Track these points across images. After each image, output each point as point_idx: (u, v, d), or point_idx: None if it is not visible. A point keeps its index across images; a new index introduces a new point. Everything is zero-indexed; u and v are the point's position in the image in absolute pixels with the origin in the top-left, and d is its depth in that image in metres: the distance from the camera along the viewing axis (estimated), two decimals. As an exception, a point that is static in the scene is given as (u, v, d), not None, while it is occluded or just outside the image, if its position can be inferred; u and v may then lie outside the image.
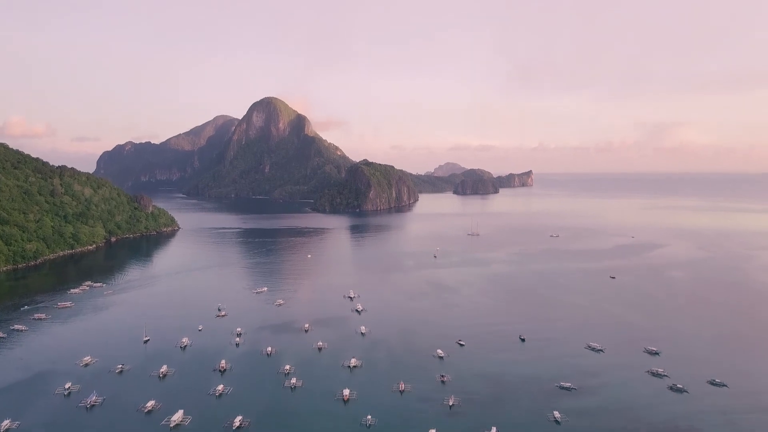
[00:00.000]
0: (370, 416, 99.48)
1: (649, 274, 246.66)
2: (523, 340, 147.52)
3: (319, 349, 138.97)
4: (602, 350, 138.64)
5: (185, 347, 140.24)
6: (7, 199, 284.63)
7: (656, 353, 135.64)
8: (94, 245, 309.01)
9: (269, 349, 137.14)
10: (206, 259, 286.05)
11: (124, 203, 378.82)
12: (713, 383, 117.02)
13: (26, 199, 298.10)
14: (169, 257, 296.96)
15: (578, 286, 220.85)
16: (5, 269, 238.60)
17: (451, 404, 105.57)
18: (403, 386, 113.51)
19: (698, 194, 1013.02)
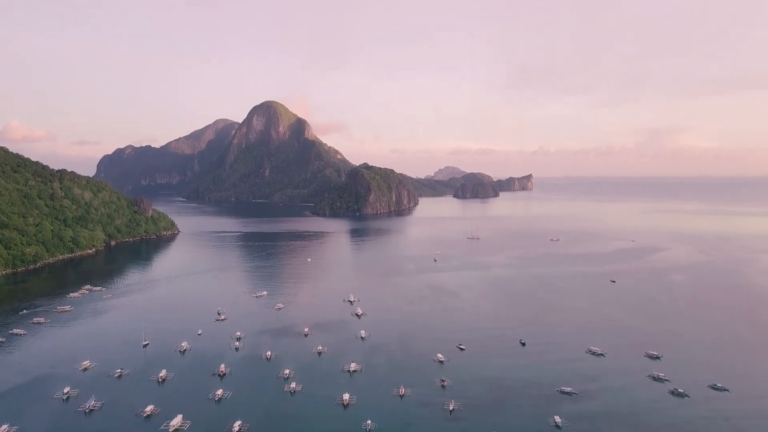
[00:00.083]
0: (369, 421, 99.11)
1: (649, 277, 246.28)
2: (523, 344, 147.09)
3: (318, 353, 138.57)
4: (603, 354, 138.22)
5: (184, 351, 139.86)
6: (6, 202, 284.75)
7: (657, 357, 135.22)
8: (93, 249, 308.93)
9: (269, 353, 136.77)
10: (206, 262, 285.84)
11: (123, 207, 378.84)
12: (715, 388, 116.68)
13: (26, 202, 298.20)
14: (168, 261, 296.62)
15: (579, 290, 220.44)
16: (4, 273, 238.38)
17: (451, 409, 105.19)
18: (403, 391, 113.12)
19: (699, 198, 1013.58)
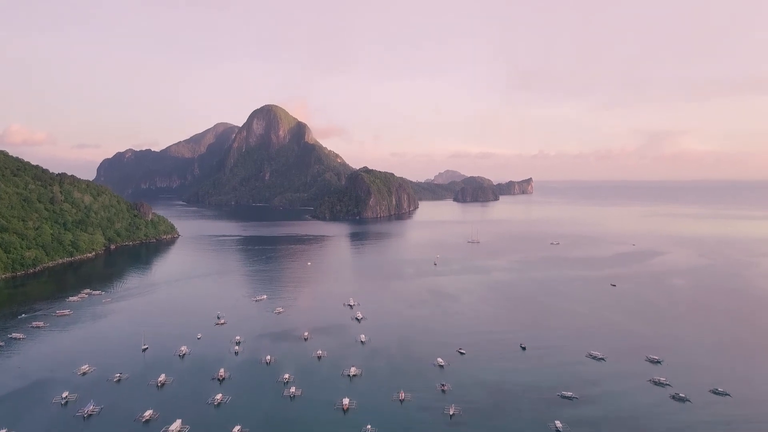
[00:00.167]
0: (369, 426, 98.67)
1: (650, 281, 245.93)
2: (523, 348, 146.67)
3: (318, 357, 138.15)
4: (603, 359, 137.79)
5: (184, 356, 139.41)
6: (6, 206, 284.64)
7: (658, 362, 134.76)
8: (93, 253, 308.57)
9: (268, 357, 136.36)
10: (205, 266, 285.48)
11: (123, 211, 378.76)
12: (716, 392, 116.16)
13: (26, 206, 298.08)
14: (168, 265, 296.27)
15: (579, 293, 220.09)
16: (4, 277, 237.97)
17: (451, 413, 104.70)
18: (403, 395, 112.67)
19: (699, 201, 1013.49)
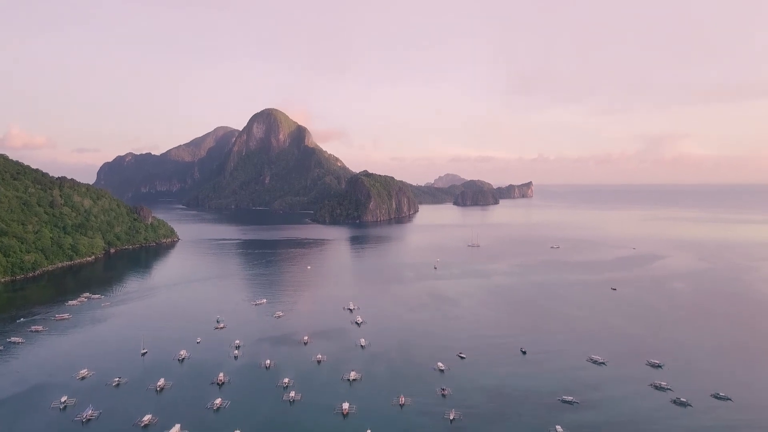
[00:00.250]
0: (369, 430, 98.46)
1: (650, 285, 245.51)
2: (524, 352, 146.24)
3: (318, 361, 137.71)
4: (604, 363, 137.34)
5: (183, 360, 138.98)
6: (6, 210, 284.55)
7: (659, 366, 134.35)
8: (92, 256, 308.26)
9: (268, 361, 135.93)
10: (205, 270, 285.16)
11: (123, 214, 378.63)
12: (717, 397, 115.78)
13: (25, 210, 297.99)
14: (168, 269, 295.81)
15: (579, 297, 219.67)
16: (3, 281, 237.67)
17: (451, 418, 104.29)
18: (403, 400, 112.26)
19: (699, 205, 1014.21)
